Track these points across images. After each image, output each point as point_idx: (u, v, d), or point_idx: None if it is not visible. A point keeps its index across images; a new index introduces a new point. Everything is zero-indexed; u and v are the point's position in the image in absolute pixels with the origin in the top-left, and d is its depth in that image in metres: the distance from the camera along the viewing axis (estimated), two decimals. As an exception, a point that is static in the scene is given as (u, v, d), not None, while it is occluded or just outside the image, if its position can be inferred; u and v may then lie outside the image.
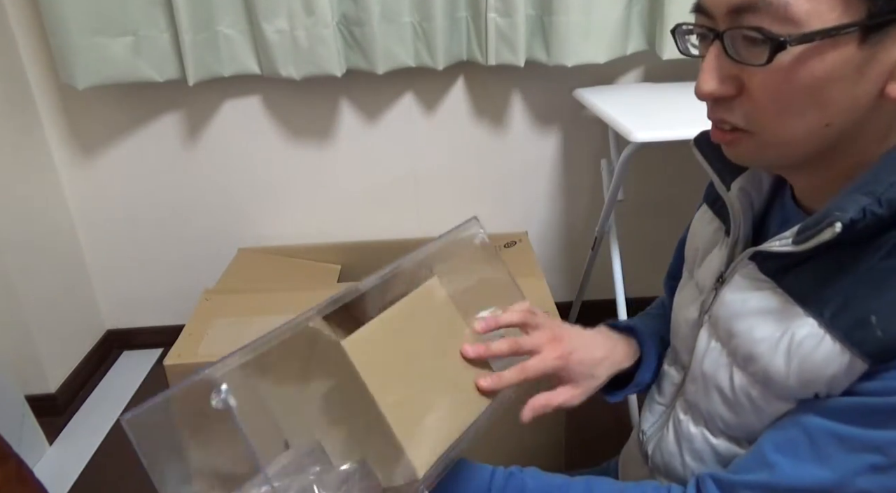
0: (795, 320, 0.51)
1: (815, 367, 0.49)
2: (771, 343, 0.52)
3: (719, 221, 0.66)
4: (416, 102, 1.72)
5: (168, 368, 1.18)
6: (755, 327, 0.54)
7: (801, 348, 0.50)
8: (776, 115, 0.48)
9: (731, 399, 0.57)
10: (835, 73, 0.44)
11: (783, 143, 0.49)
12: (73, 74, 1.46)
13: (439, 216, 1.86)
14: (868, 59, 0.44)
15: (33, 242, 1.62)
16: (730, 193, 0.60)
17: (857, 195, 0.46)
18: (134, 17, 1.45)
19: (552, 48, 1.53)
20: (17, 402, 1.46)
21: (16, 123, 1.57)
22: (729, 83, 0.49)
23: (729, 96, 0.49)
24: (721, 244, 0.64)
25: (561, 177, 1.83)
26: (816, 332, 0.49)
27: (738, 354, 0.55)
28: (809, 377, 0.50)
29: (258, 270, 1.67)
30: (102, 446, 1.56)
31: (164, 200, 1.78)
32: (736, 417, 0.57)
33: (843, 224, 0.45)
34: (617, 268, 1.57)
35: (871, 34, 0.43)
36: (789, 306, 0.52)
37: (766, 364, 0.52)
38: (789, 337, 0.51)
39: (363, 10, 1.48)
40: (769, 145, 0.50)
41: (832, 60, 0.44)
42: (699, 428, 0.61)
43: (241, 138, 1.73)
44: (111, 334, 1.94)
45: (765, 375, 0.53)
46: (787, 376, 0.51)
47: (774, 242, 0.52)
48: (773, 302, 0.53)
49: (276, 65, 1.53)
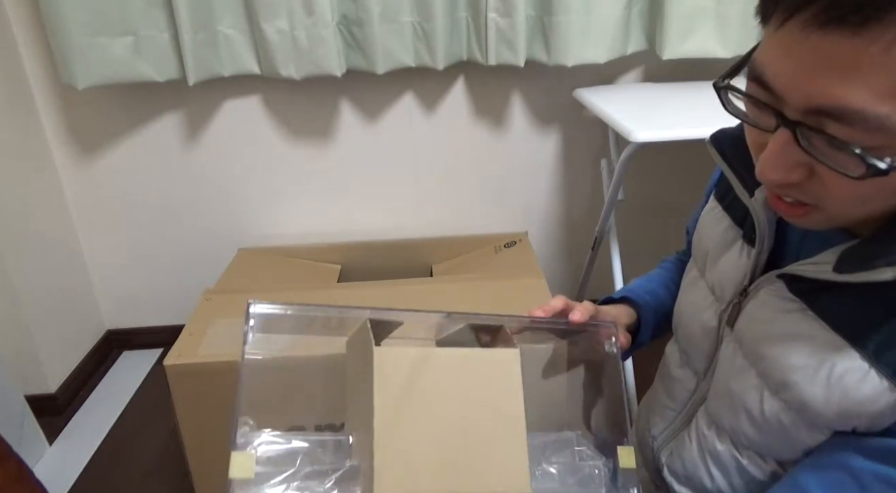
0: (835, 351, 0.49)
1: (858, 402, 0.47)
2: (808, 373, 0.50)
3: (730, 219, 0.63)
4: (416, 102, 1.72)
5: (168, 368, 1.17)
6: (788, 354, 0.51)
7: (843, 381, 0.48)
8: (853, 206, 0.44)
9: (759, 422, 0.55)
10: None
11: (853, 219, 0.46)
12: (73, 74, 1.46)
13: (439, 216, 1.86)
14: None
15: (33, 243, 1.62)
16: (754, 201, 0.56)
17: None
18: (134, 17, 1.45)
19: (552, 48, 1.53)
20: (17, 402, 1.46)
21: (16, 123, 1.57)
22: (798, 171, 0.43)
23: (799, 181, 0.44)
24: (741, 251, 0.60)
25: (561, 177, 1.83)
26: (860, 366, 0.47)
27: (770, 379, 0.53)
28: (851, 411, 0.48)
29: (258, 270, 1.67)
30: (102, 446, 1.56)
31: (164, 200, 1.78)
32: (763, 438, 0.56)
33: None
34: (617, 268, 1.57)
35: None
36: (825, 333, 0.49)
37: (802, 392, 0.50)
38: (828, 368, 0.49)
39: (363, 10, 1.48)
40: (836, 220, 0.46)
41: None
42: (725, 445, 0.60)
43: (241, 138, 1.73)
44: (111, 334, 1.94)
45: (801, 403, 0.51)
46: (826, 406, 0.49)
47: (809, 267, 0.50)
48: (806, 328, 0.51)
49: (276, 65, 1.53)
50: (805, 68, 0.39)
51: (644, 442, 0.73)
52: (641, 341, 0.75)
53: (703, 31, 1.53)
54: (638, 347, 0.76)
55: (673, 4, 1.49)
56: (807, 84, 0.39)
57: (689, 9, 1.50)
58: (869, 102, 0.37)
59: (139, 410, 1.69)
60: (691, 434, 0.64)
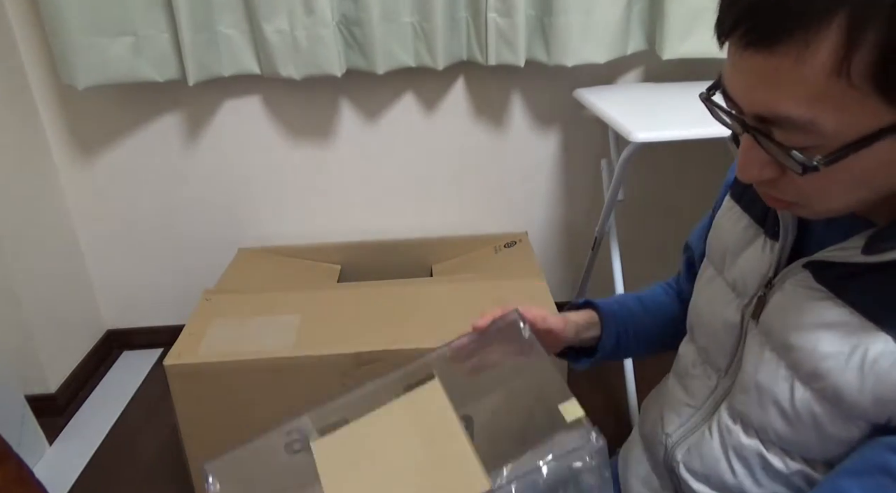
0: (866, 336, 0.49)
1: (893, 386, 0.48)
2: (840, 360, 0.50)
3: (748, 217, 0.64)
4: (416, 102, 1.72)
5: (168, 368, 1.18)
6: (818, 343, 0.52)
7: (877, 366, 0.48)
8: (824, 200, 0.47)
9: (790, 415, 0.55)
10: (876, 165, 0.44)
11: (835, 210, 0.49)
12: (73, 74, 1.46)
13: (439, 216, 1.86)
14: None
15: (33, 243, 1.62)
16: None
17: None
18: (134, 17, 1.46)
19: (552, 48, 1.53)
20: (17, 402, 1.46)
21: (16, 123, 1.57)
22: (769, 168, 0.47)
23: (773, 178, 0.48)
24: (763, 246, 0.61)
25: (561, 177, 1.83)
26: (893, 349, 0.48)
27: (801, 369, 0.54)
28: (886, 397, 0.48)
29: (258, 270, 1.67)
30: (102, 446, 1.56)
31: (164, 200, 1.78)
32: (794, 432, 0.55)
33: None
34: (617, 268, 1.57)
35: None
36: (855, 319, 0.50)
37: (836, 381, 0.51)
38: (861, 353, 0.49)
39: (363, 10, 1.48)
40: (821, 211, 0.50)
41: (870, 159, 0.43)
42: (752, 440, 0.59)
43: (241, 138, 1.73)
44: (111, 334, 1.94)
45: (834, 392, 0.51)
46: (860, 393, 0.49)
47: (835, 252, 0.51)
48: (835, 315, 0.51)
49: (276, 65, 1.53)
50: (745, 82, 0.45)
51: (655, 440, 0.72)
52: (605, 343, 0.78)
53: (703, 31, 1.53)
54: (603, 353, 0.78)
55: (673, 4, 1.49)
56: (748, 96, 0.45)
57: (689, 9, 1.50)
58: (794, 109, 0.42)
59: (139, 410, 1.70)
60: (713, 429, 0.64)
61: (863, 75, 0.40)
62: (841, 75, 0.40)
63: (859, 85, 0.40)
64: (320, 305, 1.37)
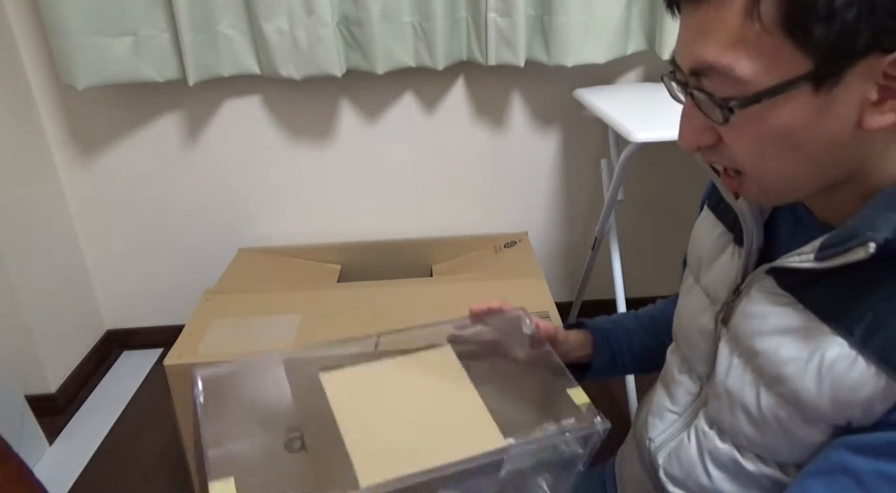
0: (823, 340, 0.50)
1: (848, 389, 0.48)
2: (799, 364, 0.51)
3: (723, 226, 0.65)
4: (416, 102, 1.72)
5: (168, 368, 1.17)
6: (780, 347, 0.52)
7: (833, 370, 0.49)
8: (755, 161, 0.49)
9: (757, 419, 0.55)
10: (796, 121, 0.45)
11: (778, 182, 0.49)
12: (73, 75, 1.46)
13: (439, 216, 1.86)
14: (828, 101, 0.43)
15: (33, 243, 1.62)
16: (739, 202, 0.59)
17: (889, 214, 0.45)
18: (134, 17, 1.45)
19: (552, 48, 1.53)
20: (17, 402, 1.46)
21: (16, 124, 1.57)
22: (707, 133, 0.50)
23: (712, 144, 0.50)
24: (732, 253, 0.62)
25: (561, 177, 1.83)
26: (847, 352, 0.48)
27: (765, 374, 0.54)
28: (843, 401, 0.49)
29: (258, 270, 1.67)
30: (102, 446, 1.56)
31: (164, 201, 1.78)
32: (762, 437, 0.56)
33: (878, 244, 0.44)
34: (617, 268, 1.57)
35: (824, 81, 0.43)
36: (814, 324, 0.50)
37: (796, 386, 0.51)
38: (819, 358, 0.50)
39: (363, 10, 1.48)
40: (766, 185, 0.50)
41: (789, 112, 0.44)
42: (726, 445, 0.60)
43: (241, 138, 1.73)
44: (111, 334, 1.94)
45: (795, 396, 0.52)
46: (818, 398, 0.50)
47: (793, 258, 0.51)
48: (796, 320, 0.52)
49: (276, 65, 1.53)
50: (684, 39, 0.48)
51: (642, 445, 0.73)
52: (596, 364, 0.79)
53: (703, 31, 1.53)
54: (595, 372, 0.80)
55: (673, 4, 1.49)
56: (686, 52, 0.48)
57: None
58: (716, 55, 0.45)
59: (139, 410, 1.70)
60: (691, 435, 0.65)
61: (773, 19, 0.42)
62: (753, 18, 0.42)
63: (772, 30, 0.42)
64: (320, 305, 1.37)
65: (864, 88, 0.43)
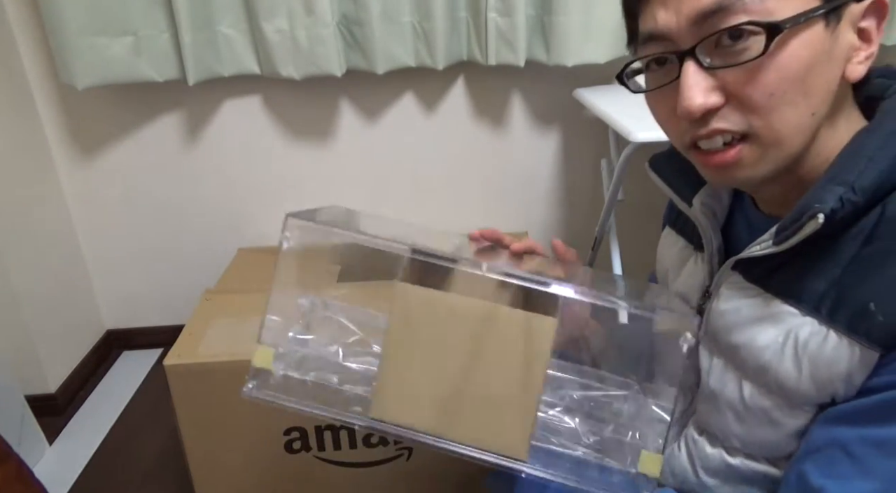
0: (794, 322, 0.51)
1: (826, 365, 0.49)
2: (776, 349, 0.52)
3: (684, 239, 0.67)
4: (416, 102, 1.72)
5: (168, 368, 1.17)
6: (756, 337, 0.53)
7: (808, 349, 0.50)
8: (772, 108, 0.48)
9: (743, 414, 0.56)
10: (814, 57, 0.47)
11: (782, 138, 0.49)
12: (73, 74, 1.46)
13: (439, 216, 1.86)
14: (832, 41, 0.47)
15: (33, 243, 1.62)
16: (693, 209, 0.61)
17: (831, 186, 0.47)
18: (134, 17, 1.45)
19: (552, 48, 1.53)
20: (17, 402, 1.46)
21: (16, 123, 1.57)
22: (714, 94, 0.49)
23: (717, 107, 0.49)
24: (696, 260, 0.64)
25: (561, 177, 1.83)
26: (818, 329, 0.49)
27: (747, 366, 0.55)
28: (823, 378, 0.49)
29: (258, 270, 1.67)
30: (102, 446, 1.56)
31: (164, 200, 1.78)
32: (751, 431, 0.56)
33: (825, 215, 0.46)
34: (617, 268, 1.57)
35: (831, 16, 0.46)
36: (783, 308, 0.52)
37: (777, 372, 0.52)
38: (793, 340, 0.51)
39: (363, 10, 1.48)
40: (769, 146, 0.50)
41: (811, 44, 0.46)
42: (716, 449, 0.60)
43: (241, 138, 1.73)
44: (111, 334, 1.94)
45: (777, 383, 0.52)
46: (799, 380, 0.50)
47: (754, 248, 0.53)
48: (767, 308, 0.53)
49: (276, 65, 1.53)
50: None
51: None
52: None
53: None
54: None
55: (673, 4, 1.49)
56: (690, 4, 0.47)
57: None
58: None
59: (139, 410, 1.69)
60: (681, 444, 0.65)
61: None
62: None
63: None
64: (320, 305, 1.37)
65: (850, 34, 0.48)
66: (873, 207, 0.48)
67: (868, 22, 0.48)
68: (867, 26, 0.48)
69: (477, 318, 0.54)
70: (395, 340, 0.55)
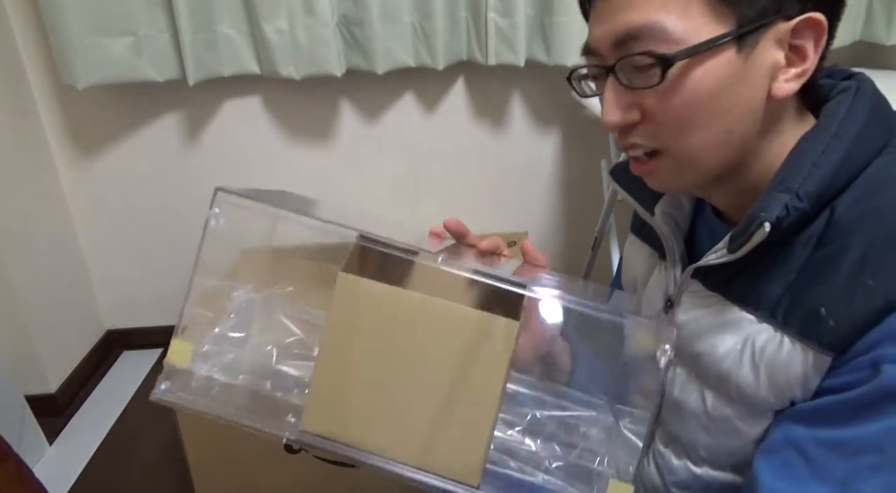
0: (751, 329, 0.51)
1: (782, 371, 0.49)
2: (735, 357, 0.52)
3: (649, 246, 0.67)
4: (416, 102, 1.72)
5: (168, 368, 1.17)
6: (717, 344, 0.54)
7: (765, 355, 0.50)
8: (680, 130, 0.49)
9: (706, 423, 0.56)
10: (722, 81, 0.47)
11: (694, 156, 0.50)
12: (73, 74, 1.46)
13: (439, 216, 1.85)
14: (748, 64, 0.47)
15: (33, 243, 1.62)
16: (655, 218, 0.62)
17: (776, 194, 0.48)
18: (134, 17, 1.46)
19: (552, 48, 1.53)
20: (17, 402, 1.46)
21: (16, 123, 1.57)
22: (631, 111, 0.50)
23: (634, 123, 0.51)
24: (660, 268, 0.64)
25: (561, 177, 1.83)
26: (773, 335, 0.50)
27: (710, 375, 0.55)
28: (781, 383, 0.49)
29: (258, 270, 1.67)
30: (102, 446, 1.56)
31: (163, 200, 1.78)
32: (716, 441, 0.56)
33: (771, 223, 0.47)
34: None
35: (745, 41, 0.46)
36: (741, 315, 0.52)
37: (737, 380, 0.52)
38: (751, 347, 0.51)
39: (363, 10, 1.48)
40: (683, 163, 0.51)
41: (717, 70, 0.47)
42: (682, 461, 0.60)
43: (241, 138, 1.73)
44: (111, 334, 1.94)
45: (738, 391, 0.52)
46: (757, 387, 0.51)
47: (710, 256, 0.53)
48: (726, 315, 0.53)
49: (276, 65, 1.53)
50: (606, 19, 0.49)
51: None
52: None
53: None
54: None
55: (673, 4, 1.49)
56: (609, 27, 0.49)
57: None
58: (649, 15, 0.46)
59: (139, 410, 1.69)
60: (650, 459, 0.65)
61: None
62: None
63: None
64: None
65: (775, 54, 0.47)
66: (822, 211, 0.49)
67: (802, 40, 0.47)
68: (800, 44, 0.48)
69: (429, 317, 0.47)
70: (333, 339, 0.48)
